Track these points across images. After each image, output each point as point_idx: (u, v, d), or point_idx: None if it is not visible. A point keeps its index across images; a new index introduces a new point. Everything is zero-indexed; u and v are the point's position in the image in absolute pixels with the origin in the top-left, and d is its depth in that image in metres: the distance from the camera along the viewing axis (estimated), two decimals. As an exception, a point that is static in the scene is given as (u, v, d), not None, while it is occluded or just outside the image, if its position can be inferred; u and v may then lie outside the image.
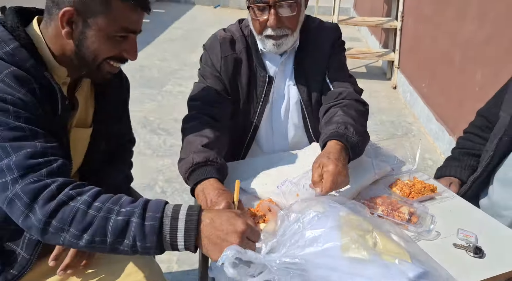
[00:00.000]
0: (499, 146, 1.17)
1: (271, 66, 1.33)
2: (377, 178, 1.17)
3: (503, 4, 2.27)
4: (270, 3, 1.15)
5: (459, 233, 0.97)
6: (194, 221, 0.78)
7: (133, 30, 0.91)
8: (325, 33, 1.34)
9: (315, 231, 0.76)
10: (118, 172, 1.18)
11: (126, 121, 1.25)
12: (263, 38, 1.23)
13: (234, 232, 0.77)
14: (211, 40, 1.32)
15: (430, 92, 3.27)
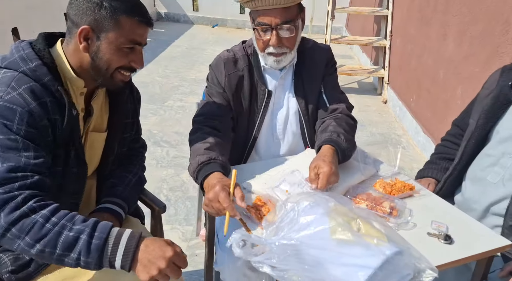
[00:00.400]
0: (467, 148, 1.34)
1: (271, 81, 1.50)
2: (364, 178, 1.34)
3: (478, 26, 2.49)
4: (273, 26, 1.33)
5: (432, 223, 1.13)
6: (133, 245, 0.91)
7: (139, 42, 1.08)
8: (319, 53, 1.53)
9: (308, 217, 0.92)
10: (131, 174, 1.32)
11: (138, 128, 1.39)
12: (265, 55, 1.40)
13: (163, 257, 0.89)
14: (216, 60, 1.50)
15: (418, 107, 3.47)
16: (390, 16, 4.45)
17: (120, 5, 1.03)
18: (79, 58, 1.07)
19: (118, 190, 1.25)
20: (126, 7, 1.04)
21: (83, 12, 1.02)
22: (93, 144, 1.21)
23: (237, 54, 1.49)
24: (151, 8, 7.85)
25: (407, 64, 3.82)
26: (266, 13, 1.31)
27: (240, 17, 7.94)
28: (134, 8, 1.05)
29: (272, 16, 1.31)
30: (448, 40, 2.93)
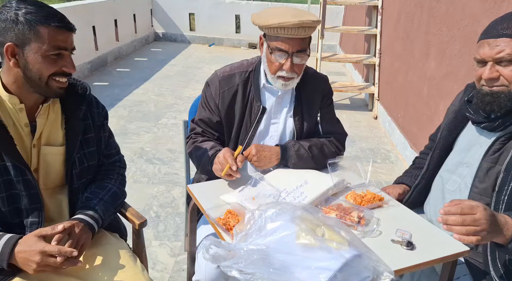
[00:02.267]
0: (432, 158, 1.43)
1: (269, 98, 1.59)
2: (335, 191, 1.41)
3: (456, 46, 2.60)
4: (290, 52, 1.43)
5: (397, 231, 1.20)
6: (7, 251, 1.09)
7: (63, 47, 1.13)
8: (318, 81, 1.64)
9: (274, 224, 0.99)
10: (106, 189, 1.37)
11: (108, 144, 1.45)
12: (274, 78, 1.50)
13: (31, 261, 1.09)
14: (213, 76, 1.61)
15: (405, 122, 3.56)
16: (378, 35, 4.60)
17: (35, 16, 1.09)
18: (13, 75, 1.14)
19: (91, 203, 1.30)
20: (41, 17, 1.10)
21: (3, 31, 1.09)
22: (47, 157, 1.26)
23: (234, 70, 1.59)
24: (149, 29, 8.06)
25: (394, 81, 3.94)
26: (285, 41, 1.41)
27: (236, 36, 8.14)
28: (49, 16, 1.11)
29: (291, 44, 1.42)
30: (430, 58, 3.05)
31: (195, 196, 1.38)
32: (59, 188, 1.34)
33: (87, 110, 1.34)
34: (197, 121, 1.63)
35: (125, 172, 1.53)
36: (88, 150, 1.36)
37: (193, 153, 1.58)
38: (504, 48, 1.15)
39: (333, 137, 1.63)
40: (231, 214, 1.23)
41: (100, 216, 1.30)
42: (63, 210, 1.34)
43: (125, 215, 1.43)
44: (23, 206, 1.21)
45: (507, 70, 1.16)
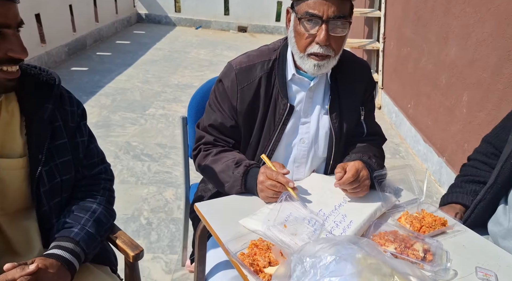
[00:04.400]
0: (504, 168, 1.14)
1: (298, 93, 1.25)
2: (385, 211, 1.12)
3: (485, 29, 2.31)
4: (324, 18, 1.09)
5: (478, 271, 0.92)
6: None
7: (4, 24, 0.84)
8: (358, 69, 1.31)
9: (333, 279, 0.68)
10: (90, 212, 1.05)
11: (89, 151, 1.12)
12: (304, 57, 1.16)
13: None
14: (226, 70, 1.26)
15: (416, 113, 3.29)
16: (383, 17, 4.28)
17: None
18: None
19: (71, 232, 0.98)
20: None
21: None
22: (2, 172, 0.95)
23: (254, 59, 1.25)
24: (131, 9, 7.54)
25: (403, 68, 3.65)
26: (318, 4, 1.08)
27: (225, 19, 7.71)
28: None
29: (326, 6, 1.07)
30: (450, 43, 2.75)
31: (206, 218, 1.06)
32: (23, 213, 1.02)
33: (55, 109, 1.01)
34: (206, 127, 1.29)
35: (112, 185, 1.19)
36: (60, 160, 1.03)
37: (208, 168, 1.24)
38: None
39: (379, 140, 1.33)
40: (258, 248, 0.92)
41: (83, 249, 0.98)
42: (32, 240, 1.02)
43: (115, 242, 1.10)
44: None
45: None
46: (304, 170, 1.31)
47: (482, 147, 1.35)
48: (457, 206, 1.27)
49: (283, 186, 1.08)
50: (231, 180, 1.18)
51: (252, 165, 1.18)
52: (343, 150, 1.32)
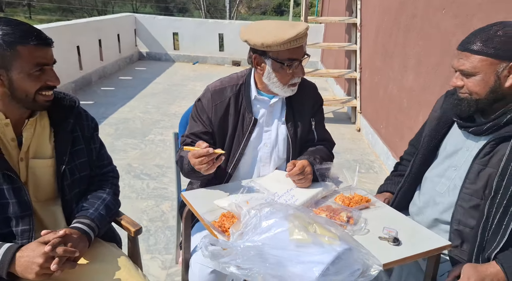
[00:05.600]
0: (415, 161, 1.51)
1: (260, 109, 1.64)
2: (325, 194, 1.48)
3: (432, 59, 2.75)
4: (300, 59, 1.51)
5: (384, 229, 1.26)
6: (8, 259, 1.11)
7: (45, 63, 1.16)
8: (307, 89, 1.71)
9: (269, 221, 1.04)
10: (101, 199, 1.39)
11: (99, 155, 1.48)
12: (286, 87, 1.56)
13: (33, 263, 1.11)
14: (205, 91, 1.66)
15: (387, 133, 3.68)
16: (358, 50, 4.78)
17: (12, 37, 1.11)
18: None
19: (88, 212, 1.33)
20: (19, 37, 1.12)
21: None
22: (36, 170, 1.29)
23: (225, 83, 1.65)
24: (133, 48, 8.13)
25: (375, 94, 4.08)
26: (295, 50, 1.49)
27: (220, 54, 8.28)
28: (26, 35, 1.13)
29: (299, 51, 1.50)
30: (408, 71, 3.19)
31: (190, 202, 1.42)
32: (51, 200, 1.35)
33: (75, 123, 1.37)
34: (188, 134, 1.66)
35: (118, 181, 1.55)
36: (79, 161, 1.38)
37: (178, 161, 1.62)
38: (464, 63, 1.26)
39: (327, 144, 1.71)
40: (226, 217, 1.27)
41: (97, 225, 1.33)
42: (58, 220, 1.35)
43: (120, 223, 1.46)
44: (13, 214, 1.22)
45: (468, 81, 1.28)
46: (268, 168, 1.67)
47: (408, 148, 1.73)
48: (387, 193, 1.64)
49: (210, 154, 1.37)
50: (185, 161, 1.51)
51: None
52: (299, 152, 1.69)
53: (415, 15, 3.13)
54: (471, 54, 1.24)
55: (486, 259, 1.25)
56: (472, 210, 1.32)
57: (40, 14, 27.14)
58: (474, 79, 1.26)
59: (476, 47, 1.23)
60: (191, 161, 1.41)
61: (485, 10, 2.18)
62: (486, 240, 1.25)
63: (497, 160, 1.27)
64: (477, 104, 1.29)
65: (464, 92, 1.30)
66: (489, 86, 1.25)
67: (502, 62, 1.22)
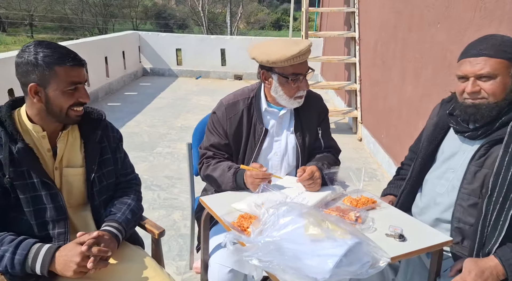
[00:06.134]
0: (415, 165, 1.62)
1: (270, 120, 1.78)
2: (334, 197, 1.59)
3: (429, 71, 2.89)
4: (304, 74, 1.65)
5: (390, 227, 1.37)
6: (49, 258, 1.23)
7: (78, 82, 1.29)
8: (313, 100, 1.84)
9: (285, 218, 1.15)
10: (126, 205, 1.50)
11: (123, 164, 1.58)
12: (292, 100, 1.69)
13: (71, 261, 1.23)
14: (219, 105, 1.79)
15: (388, 142, 3.80)
16: (357, 63, 4.94)
17: (51, 59, 1.24)
18: (36, 109, 1.30)
19: (116, 216, 1.45)
20: (57, 58, 1.25)
21: (26, 74, 1.25)
22: (69, 177, 1.41)
23: (237, 97, 1.79)
24: (137, 65, 8.32)
25: (375, 105, 4.22)
26: (299, 65, 1.63)
27: (222, 69, 8.47)
28: (63, 56, 1.26)
29: (303, 66, 1.65)
30: (406, 82, 3.34)
31: (209, 205, 1.53)
32: (82, 206, 1.47)
33: (103, 134, 1.50)
34: (207, 146, 1.79)
35: (140, 188, 1.67)
36: (106, 169, 1.50)
37: (210, 175, 1.73)
38: (484, 66, 1.33)
39: (333, 151, 1.83)
40: (244, 218, 1.38)
41: (124, 228, 1.44)
42: (88, 224, 1.47)
43: (144, 226, 1.57)
44: (49, 218, 1.34)
45: (487, 85, 1.34)
46: (279, 175, 1.79)
47: (408, 154, 1.85)
48: (390, 196, 1.75)
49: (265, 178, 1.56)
50: (226, 180, 1.66)
51: (238, 169, 1.67)
52: (307, 159, 1.81)
53: (411, 29, 3.29)
54: (489, 58, 1.32)
55: (486, 254, 1.35)
56: (471, 209, 1.43)
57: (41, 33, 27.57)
58: (494, 82, 1.33)
59: (492, 52, 1.32)
60: (247, 178, 1.60)
61: (476, 24, 2.33)
62: (485, 236, 1.35)
63: (491, 161, 1.38)
64: (497, 107, 1.34)
65: (482, 97, 1.36)
66: (507, 87, 1.34)
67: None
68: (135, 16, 29.66)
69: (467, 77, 1.38)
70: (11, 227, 1.30)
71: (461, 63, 1.40)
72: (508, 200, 1.30)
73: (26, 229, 1.31)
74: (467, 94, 1.39)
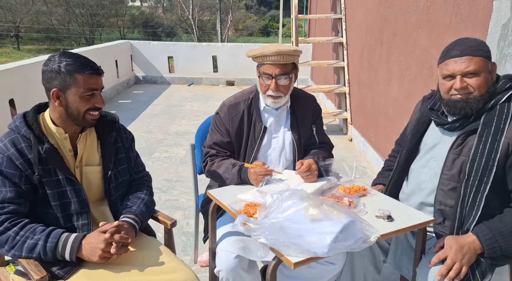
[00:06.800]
0: (401, 156, 1.80)
1: (268, 118, 1.94)
2: (329, 186, 1.76)
3: (412, 72, 3.10)
4: (273, 75, 1.80)
5: (379, 210, 1.54)
6: (76, 245, 1.38)
7: (95, 88, 1.43)
8: (308, 100, 2.01)
9: (288, 202, 1.31)
10: (140, 199, 1.65)
11: (136, 162, 1.72)
12: (265, 97, 1.86)
13: (96, 248, 1.37)
14: (221, 106, 1.95)
15: (377, 141, 4.00)
16: (346, 67, 5.14)
17: (72, 67, 1.38)
18: (58, 112, 1.44)
19: (132, 209, 1.59)
20: (77, 67, 1.39)
21: (50, 80, 1.40)
22: (88, 175, 1.56)
23: (238, 98, 1.95)
24: (130, 73, 8.44)
25: (364, 106, 4.42)
26: (268, 66, 1.80)
27: (214, 75, 8.63)
28: (83, 65, 1.40)
29: (273, 69, 1.79)
30: (392, 83, 3.54)
31: (216, 197, 1.68)
32: (100, 201, 1.61)
33: (117, 136, 1.64)
34: (210, 145, 1.95)
35: (151, 184, 1.82)
36: (121, 167, 1.65)
37: (215, 172, 1.88)
38: (469, 64, 1.50)
39: (327, 146, 2.00)
40: (249, 206, 1.54)
41: (140, 220, 1.58)
42: (107, 217, 1.61)
43: (157, 218, 1.71)
44: (74, 211, 1.48)
45: (472, 81, 1.51)
46: (278, 169, 1.95)
47: (394, 147, 2.03)
48: (379, 186, 1.92)
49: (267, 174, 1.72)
50: (230, 176, 1.81)
51: (242, 166, 1.82)
52: (303, 154, 1.98)
53: (396, 33, 3.50)
54: (473, 57, 1.49)
55: (465, 231, 1.52)
56: (451, 192, 1.60)
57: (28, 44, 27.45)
58: (478, 78, 1.50)
59: (473, 51, 1.50)
60: (250, 175, 1.75)
61: (453, 28, 2.53)
62: (464, 216, 1.53)
63: (468, 149, 1.56)
64: (483, 99, 1.51)
65: (469, 92, 1.52)
66: (488, 82, 1.52)
67: (489, 62, 1.51)
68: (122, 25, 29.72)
69: (454, 75, 1.54)
70: (39, 220, 1.43)
71: (446, 63, 1.56)
72: (483, 183, 1.48)
73: (52, 221, 1.45)
74: (456, 91, 1.54)
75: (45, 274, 1.30)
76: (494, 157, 1.46)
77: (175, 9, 25.61)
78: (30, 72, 4.62)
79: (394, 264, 1.78)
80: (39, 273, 1.30)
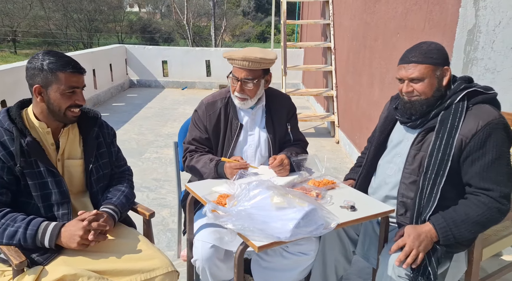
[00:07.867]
0: (369, 153, 1.91)
1: (244, 116, 2.04)
2: (300, 180, 1.86)
3: (391, 75, 3.22)
4: (239, 79, 1.91)
5: (344, 201, 1.64)
6: (55, 233, 1.45)
7: (76, 86, 1.50)
8: (283, 99, 2.13)
9: (255, 191, 1.41)
10: (120, 191, 1.74)
11: (117, 157, 1.81)
12: (234, 96, 1.97)
13: (75, 235, 1.45)
14: (200, 104, 2.06)
15: (361, 143, 4.11)
16: (333, 71, 5.27)
17: (55, 65, 1.46)
18: (40, 108, 1.51)
19: (112, 200, 1.68)
20: (60, 65, 1.46)
21: (33, 76, 1.48)
22: (70, 168, 1.64)
23: (216, 97, 2.06)
24: (124, 76, 8.54)
25: (349, 109, 4.54)
26: (236, 69, 1.91)
27: (207, 79, 8.75)
28: (66, 64, 1.48)
29: (240, 72, 1.91)
30: (374, 86, 3.66)
31: (193, 190, 1.78)
32: (81, 193, 1.70)
33: (99, 131, 1.74)
34: (190, 141, 2.05)
35: (132, 178, 1.91)
36: (102, 161, 1.74)
37: (193, 167, 1.97)
38: (413, 72, 1.64)
39: (301, 144, 2.10)
40: (222, 197, 1.64)
41: (119, 210, 1.67)
42: (88, 208, 1.69)
43: (136, 210, 1.81)
44: (54, 201, 1.56)
45: (417, 86, 1.64)
46: (254, 165, 2.05)
47: (366, 144, 2.14)
48: (350, 180, 2.03)
49: (242, 168, 1.82)
50: (208, 171, 1.91)
51: (219, 160, 1.93)
52: (278, 151, 2.08)
53: (377, 38, 3.63)
54: (417, 64, 1.62)
55: (423, 221, 1.63)
56: (412, 185, 1.71)
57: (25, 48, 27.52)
58: (422, 84, 1.63)
59: (420, 59, 1.62)
60: (226, 169, 1.85)
61: (427, 33, 2.66)
62: (422, 206, 1.63)
63: (427, 145, 1.67)
64: (427, 102, 1.65)
65: (415, 95, 1.66)
66: (434, 86, 1.64)
67: (438, 68, 1.63)
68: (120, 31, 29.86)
69: (403, 80, 1.68)
70: (21, 210, 1.52)
71: (399, 68, 1.71)
72: (439, 176, 1.59)
73: (34, 211, 1.53)
74: (404, 93, 1.69)
75: (24, 259, 1.38)
76: (449, 152, 1.57)
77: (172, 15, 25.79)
78: (22, 74, 4.68)
79: (363, 254, 1.89)
80: (18, 258, 1.37)
